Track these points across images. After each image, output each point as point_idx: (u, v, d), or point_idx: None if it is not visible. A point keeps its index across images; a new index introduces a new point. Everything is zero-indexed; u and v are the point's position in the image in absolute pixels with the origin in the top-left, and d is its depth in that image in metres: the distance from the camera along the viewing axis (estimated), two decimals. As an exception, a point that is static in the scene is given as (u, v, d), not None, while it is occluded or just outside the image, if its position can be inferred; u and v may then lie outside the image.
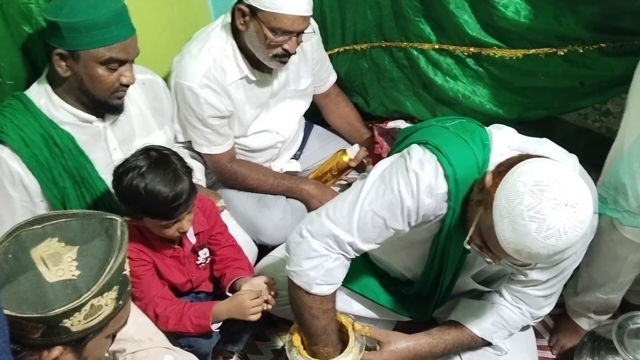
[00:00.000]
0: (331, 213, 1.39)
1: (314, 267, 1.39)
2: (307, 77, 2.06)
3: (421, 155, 1.34)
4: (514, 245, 1.15)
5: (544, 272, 1.45)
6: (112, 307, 0.97)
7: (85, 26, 1.42)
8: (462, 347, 1.59)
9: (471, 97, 2.10)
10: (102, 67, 1.48)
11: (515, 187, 1.14)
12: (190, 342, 1.61)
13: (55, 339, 0.95)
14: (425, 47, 2.13)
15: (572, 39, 1.85)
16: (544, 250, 1.14)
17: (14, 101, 1.53)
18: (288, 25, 1.73)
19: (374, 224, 1.36)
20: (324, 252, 1.39)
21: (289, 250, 1.44)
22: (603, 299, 1.82)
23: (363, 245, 1.39)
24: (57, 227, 0.98)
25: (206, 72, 1.81)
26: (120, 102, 1.58)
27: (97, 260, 0.95)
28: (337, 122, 2.29)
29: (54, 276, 0.92)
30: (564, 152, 1.39)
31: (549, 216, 1.11)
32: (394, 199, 1.33)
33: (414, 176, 1.31)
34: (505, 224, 1.15)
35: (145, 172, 1.45)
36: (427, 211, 1.35)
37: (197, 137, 1.91)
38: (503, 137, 1.36)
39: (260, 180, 2.03)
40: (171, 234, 1.55)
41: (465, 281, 1.58)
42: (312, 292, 1.41)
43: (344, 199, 1.40)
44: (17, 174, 1.50)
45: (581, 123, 2.19)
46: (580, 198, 1.13)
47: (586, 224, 1.15)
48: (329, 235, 1.38)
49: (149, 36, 1.96)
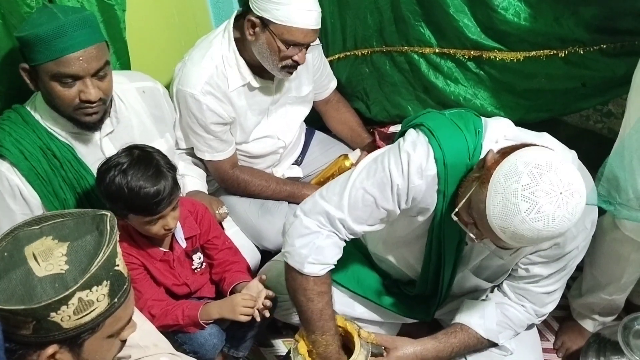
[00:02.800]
0: (324, 192, 1.43)
1: (305, 245, 1.41)
2: (308, 84, 2.07)
3: (415, 137, 1.36)
4: (501, 222, 1.16)
5: (544, 267, 1.45)
6: (106, 304, 0.96)
7: (30, 40, 1.39)
8: (468, 349, 1.59)
9: (472, 100, 2.10)
10: (56, 83, 1.43)
11: (515, 166, 1.15)
12: (194, 347, 1.61)
13: (48, 337, 0.94)
14: (426, 51, 2.13)
15: (573, 40, 1.85)
16: (528, 232, 1.14)
17: (13, 114, 1.54)
18: (300, 38, 1.75)
19: (365, 202, 1.38)
20: (315, 229, 1.41)
21: (284, 231, 1.47)
22: (607, 300, 1.81)
23: (354, 225, 1.41)
24: (54, 226, 0.98)
25: (208, 79, 1.81)
26: (91, 120, 1.51)
27: (87, 254, 0.95)
28: (339, 128, 2.30)
29: (43, 271, 0.92)
30: (563, 147, 1.40)
31: (541, 199, 1.12)
32: (384, 177, 1.36)
33: (406, 156, 1.34)
34: (498, 199, 1.15)
35: (127, 168, 1.47)
36: (416, 194, 1.36)
37: (199, 143, 1.92)
38: (498, 126, 1.38)
39: (262, 186, 2.03)
40: (156, 231, 1.55)
41: (465, 276, 1.58)
42: (305, 272, 1.42)
43: (337, 180, 1.44)
44: (16, 187, 1.50)
45: (583, 124, 2.19)
46: (575, 189, 1.14)
47: (576, 216, 1.15)
48: (320, 212, 1.41)
49: (150, 43, 1.98)
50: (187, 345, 1.61)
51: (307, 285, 1.44)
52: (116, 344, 1.05)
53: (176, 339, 1.62)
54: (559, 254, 1.42)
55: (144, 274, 1.64)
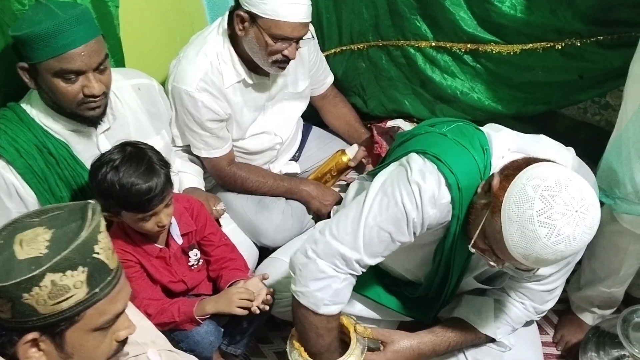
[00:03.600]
0: (335, 231, 1.37)
1: (321, 289, 1.38)
2: (304, 79, 2.06)
3: (421, 165, 1.32)
4: (522, 250, 1.14)
5: (547, 267, 1.44)
6: (84, 292, 0.95)
7: (30, 38, 1.38)
8: (466, 344, 1.59)
9: (469, 93, 2.10)
10: (59, 79, 1.42)
11: (524, 192, 1.13)
12: (191, 346, 1.61)
13: (27, 322, 0.94)
14: (422, 45, 2.12)
15: (569, 32, 1.84)
16: (552, 255, 1.13)
17: (8, 112, 1.53)
18: (288, 32, 1.73)
19: (380, 238, 1.35)
20: (331, 273, 1.37)
21: (295, 271, 1.42)
22: (606, 293, 1.81)
23: (370, 261, 1.38)
24: (50, 218, 0.99)
25: (203, 76, 1.80)
26: (94, 114, 1.52)
27: (68, 240, 0.94)
28: (336, 123, 2.29)
29: (24, 254, 0.93)
30: (561, 147, 1.39)
31: (559, 222, 1.11)
32: (398, 213, 1.32)
33: (417, 188, 1.30)
34: (514, 228, 1.14)
35: (119, 165, 1.46)
36: (431, 221, 1.34)
37: (196, 140, 1.91)
38: (502, 140, 1.35)
39: (259, 182, 2.02)
40: (149, 228, 1.55)
41: (467, 282, 1.57)
42: (320, 313, 1.40)
43: (346, 216, 1.38)
44: (12, 186, 1.50)
45: (580, 117, 2.18)
46: (589, 204, 1.13)
47: (594, 229, 1.14)
48: (335, 254, 1.36)
49: (145, 40, 1.97)
50: (183, 343, 1.61)
51: (320, 323, 1.42)
52: (108, 342, 1.04)
53: (173, 337, 1.61)
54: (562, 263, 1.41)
55: (140, 272, 1.63)
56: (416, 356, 1.54)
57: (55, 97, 1.47)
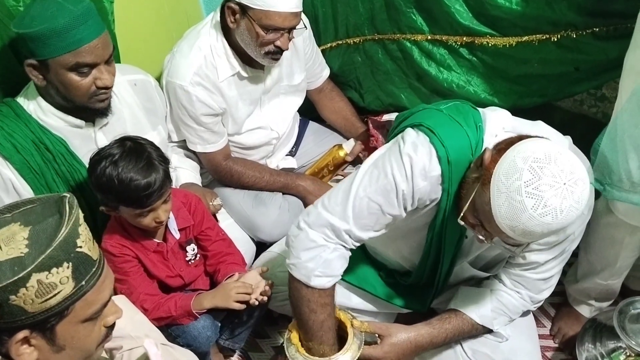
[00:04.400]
0: (326, 202, 1.40)
1: (312, 258, 1.39)
2: (300, 72, 2.05)
3: (414, 138, 1.33)
4: (509, 222, 1.15)
5: (542, 253, 1.44)
6: (71, 287, 0.95)
7: (44, 34, 1.38)
8: (463, 335, 1.59)
9: (466, 87, 2.09)
10: (73, 73, 1.44)
11: (514, 163, 1.14)
12: (188, 340, 1.61)
13: (15, 321, 0.93)
14: (418, 38, 2.12)
15: (565, 24, 1.83)
16: (538, 228, 1.13)
17: (4, 107, 1.53)
18: (279, 22, 1.72)
19: (370, 210, 1.36)
20: (321, 242, 1.39)
21: (289, 243, 1.45)
22: (603, 285, 1.81)
23: (361, 233, 1.39)
24: (24, 212, 0.97)
25: (197, 70, 1.80)
26: (103, 105, 1.55)
27: (47, 237, 0.94)
28: (332, 117, 2.29)
29: (4, 255, 0.92)
30: (557, 134, 1.39)
31: (546, 193, 1.11)
32: (388, 184, 1.33)
33: (408, 159, 1.31)
34: (502, 199, 1.14)
35: (118, 160, 1.46)
36: (422, 195, 1.34)
37: (191, 135, 1.91)
38: (497, 119, 1.36)
39: (256, 177, 2.02)
40: (147, 224, 1.55)
41: (463, 268, 1.57)
42: (311, 285, 1.40)
43: (338, 189, 1.41)
44: (9, 181, 1.50)
45: (577, 109, 2.18)
46: (578, 178, 1.13)
47: (582, 204, 1.14)
48: (325, 224, 1.38)
49: (141, 36, 1.96)
50: (180, 338, 1.61)
51: (312, 297, 1.42)
52: (97, 330, 1.04)
53: (170, 332, 1.61)
54: (556, 241, 1.41)
55: (138, 266, 1.63)
56: (413, 348, 1.54)
57: (68, 92, 1.47)
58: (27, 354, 0.98)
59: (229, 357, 1.92)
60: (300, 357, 1.49)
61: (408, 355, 1.55)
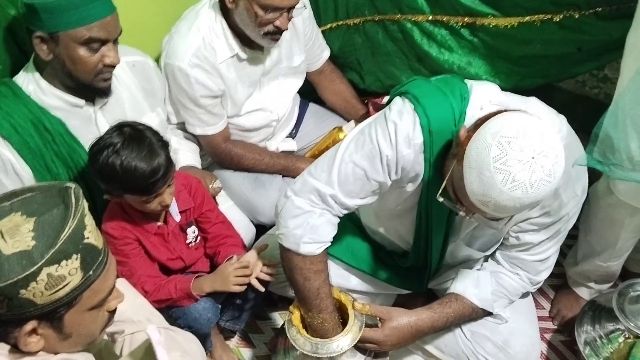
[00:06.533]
0: (312, 170, 1.41)
1: (299, 225, 1.40)
2: (299, 53, 2.03)
3: (400, 105, 1.35)
4: (481, 197, 1.15)
5: (535, 234, 1.44)
6: (80, 278, 0.96)
7: (61, 6, 1.38)
8: (464, 319, 1.60)
9: (467, 68, 2.07)
10: (83, 48, 1.45)
11: (484, 139, 1.14)
12: (189, 322, 1.61)
13: (24, 313, 0.94)
14: (419, 18, 2.09)
15: (568, 4, 1.81)
16: (510, 202, 1.13)
17: (3, 87, 1.52)
18: (278, 1, 1.70)
19: (355, 175, 1.37)
20: (307, 208, 1.40)
21: (276, 213, 1.46)
22: (603, 267, 1.81)
23: (346, 200, 1.40)
24: (23, 201, 0.97)
25: (196, 51, 1.78)
26: (106, 85, 1.56)
27: (53, 229, 0.94)
28: (332, 99, 2.27)
29: (10, 248, 0.91)
30: (552, 111, 1.38)
31: (514, 168, 1.11)
32: (373, 149, 1.34)
33: (393, 126, 1.32)
34: (473, 175, 1.15)
35: (120, 149, 1.45)
36: (405, 163, 1.35)
37: (190, 117, 1.90)
38: (484, 91, 1.36)
39: (255, 160, 2.02)
40: (153, 208, 1.55)
41: (458, 246, 1.58)
42: (301, 252, 1.42)
43: (325, 155, 1.42)
44: (8, 162, 1.49)
45: (579, 90, 2.16)
46: (548, 151, 1.12)
47: (555, 177, 1.13)
48: (310, 190, 1.39)
49: (139, 16, 1.93)
50: (181, 320, 1.62)
51: (304, 264, 1.43)
52: (102, 315, 1.05)
53: (170, 314, 1.62)
54: (549, 222, 1.41)
55: (139, 249, 1.63)
56: (414, 332, 1.55)
57: (75, 67, 1.47)
58: (34, 342, 0.98)
59: (229, 338, 1.93)
60: (302, 339, 1.50)
61: (409, 339, 1.56)
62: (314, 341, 1.49)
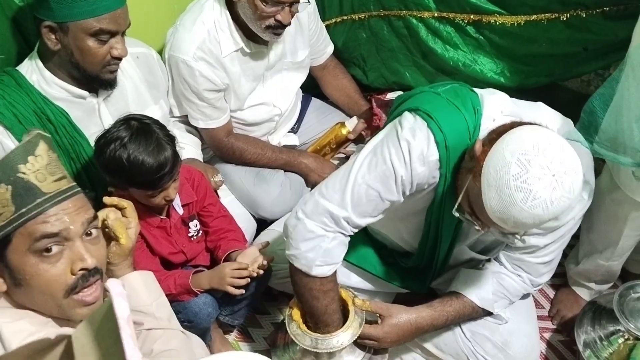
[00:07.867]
0: (324, 190, 1.38)
1: (311, 249, 1.38)
2: (303, 48, 2.02)
3: (412, 123, 1.32)
4: (500, 215, 1.14)
5: (541, 238, 1.44)
6: (11, 212, 0.97)
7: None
8: (463, 318, 1.60)
9: (472, 65, 2.06)
10: (92, 39, 1.44)
11: (502, 156, 1.13)
12: (189, 317, 1.62)
13: None
14: (424, 15, 2.08)
15: (575, 3, 1.80)
16: (529, 220, 1.13)
17: (6, 77, 1.51)
18: None
19: (369, 197, 1.35)
20: (320, 232, 1.38)
21: (287, 234, 1.43)
22: (604, 267, 1.81)
23: (359, 220, 1.38)
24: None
25: (200, 45, 1.77)
26: (112, 77, 1.55)
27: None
28: (335, 95, 2.26)
29: None
30: (559, 116, 1.37)
31: (535, 186, 1.10)
32: (387, 170, 1.32)
33: (406, 144, 1.30)
34: (492, 193, 1.14)
35: (128, 142, 1.45)
36: (420, 180, 1.33)
37: (193, 111, 1.89)
38: (495, 102, 1.34)
39: (258, 154, 2.01)
40: (158, 202, 1.55)
41: (461, 250, 1.57)
42: (312, 274, 1.41)
43: (336, 175, 1.40)
44: None
45: (584, 90, 2.15)
46: (568, 168, 1.12)
47: (574, 193, 1.13)
48: (323, 213, 1.37)
49: (143, 9, 1.92)
50: (181, 314, 1.61)
51: (314, 285, 1.43)
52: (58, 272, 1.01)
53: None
54: (555, 226, 1.40)
55: (140, 242, 1.63)
56: (414, 330, 1.55)
57: (83, 58, 1.47)
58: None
59: (228, 332, 1.93)
60: (302, 334, 1.51)
61: (408, 337, 1.56)
62: (314, 336, 1.50)
